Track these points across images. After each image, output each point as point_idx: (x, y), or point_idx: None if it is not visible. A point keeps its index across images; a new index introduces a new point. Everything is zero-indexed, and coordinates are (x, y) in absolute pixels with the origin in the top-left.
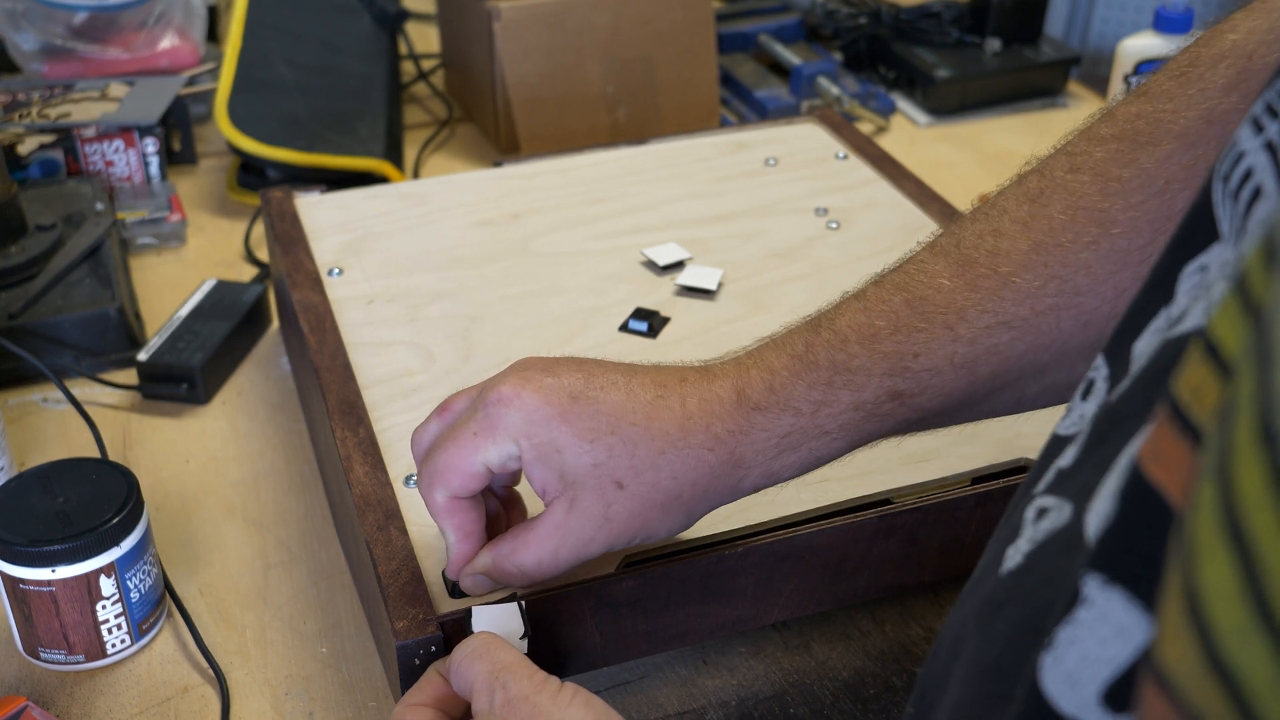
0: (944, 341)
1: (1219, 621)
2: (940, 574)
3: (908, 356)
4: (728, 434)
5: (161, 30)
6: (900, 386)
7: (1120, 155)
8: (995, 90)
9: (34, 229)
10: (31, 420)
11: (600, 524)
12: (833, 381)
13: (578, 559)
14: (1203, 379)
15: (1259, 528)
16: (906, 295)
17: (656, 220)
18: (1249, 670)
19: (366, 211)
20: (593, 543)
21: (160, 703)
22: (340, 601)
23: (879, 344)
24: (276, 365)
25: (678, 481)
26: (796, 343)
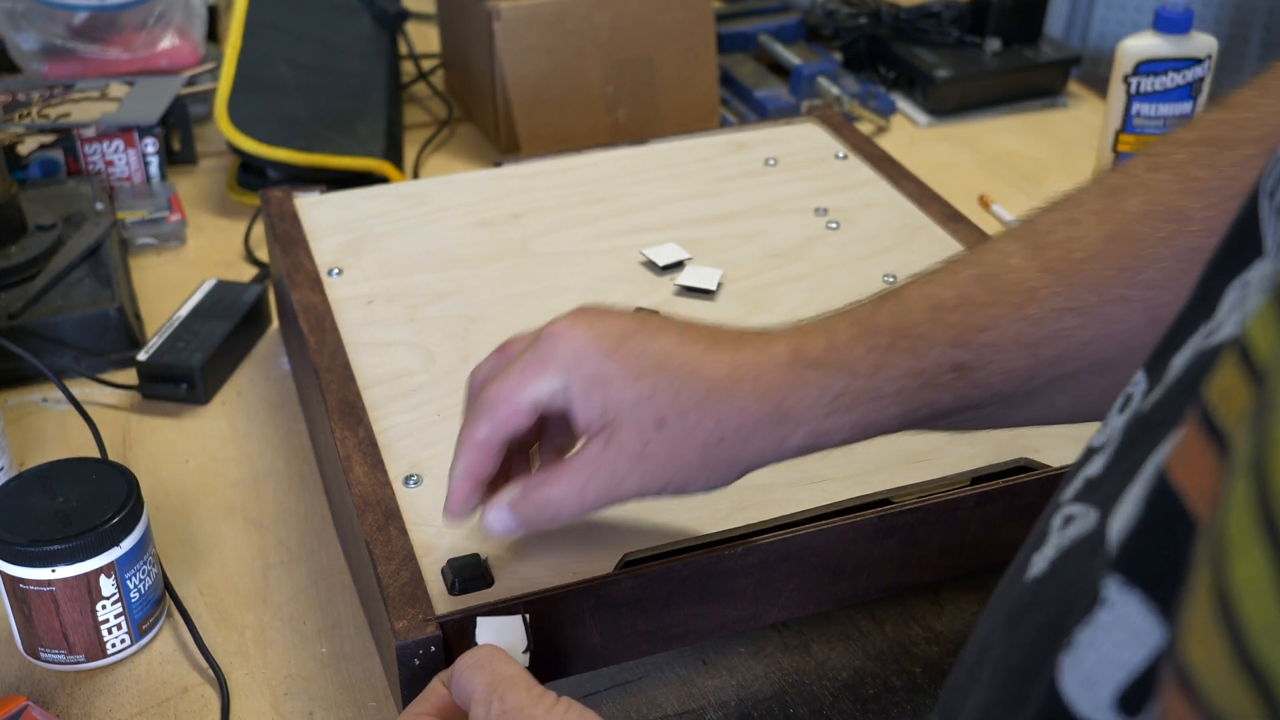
0: (1011, 319)
1: (1250, 619)
2: (940, 574)
3: (972, 329)
4: (777, 387)
5: (161, 30)
6: (962, 358)
7: (1200, 157)
8: (995, 90)
9: (34, 229)
10: (31, 420)
11: (635, 461)
12: (894, 345)
13: (607, 498)
14: (1233, 383)
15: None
16: (976, 271)
17: (656, 220)
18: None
19: (366, 211)
20: (625, 481)
21: (160, 703)
22: (340, 601)
23: (945, 314)
24: (276, 365)
25: (720, 426)
26: (860, 310)
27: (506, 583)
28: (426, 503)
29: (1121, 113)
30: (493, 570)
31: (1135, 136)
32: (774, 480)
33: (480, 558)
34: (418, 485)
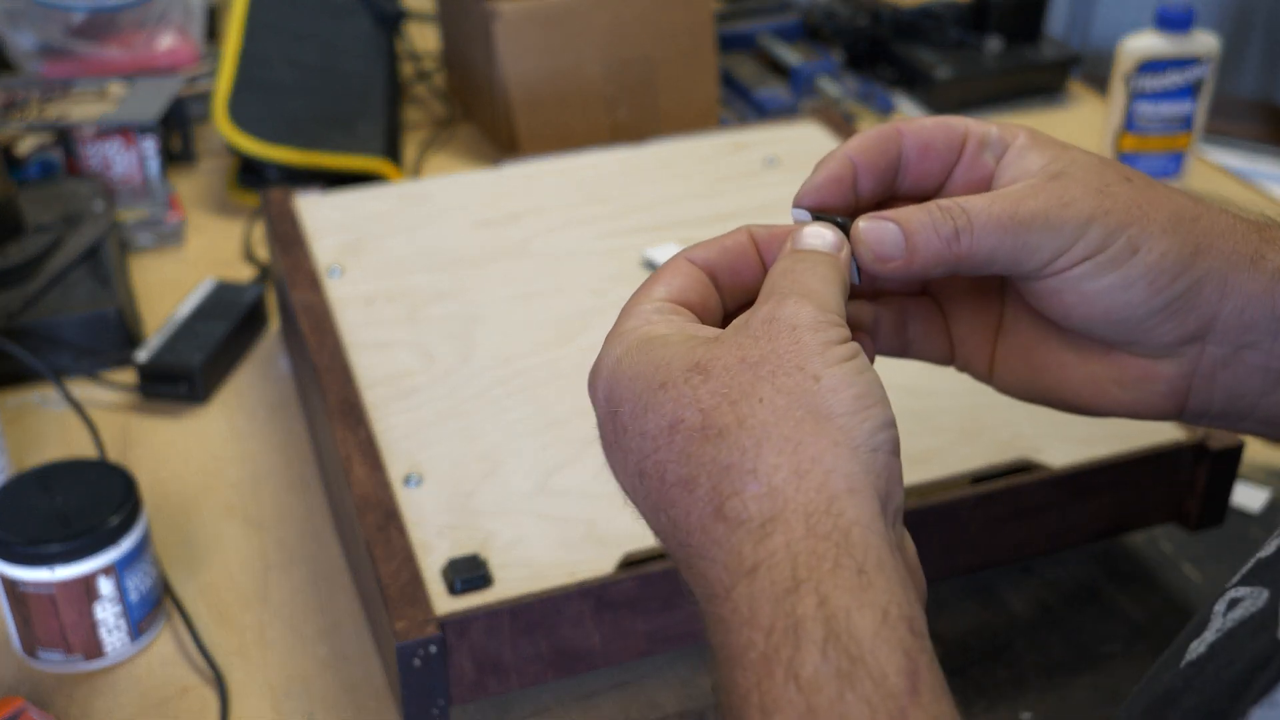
0: None
1: None
2: (940, 574)
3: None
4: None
5: (161, 30)
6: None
7: None
8: (995, 90)
9: (33, 229)
10: (30, 420)
11: (1090, 193)
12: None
13: (1042, 220)
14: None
15: None
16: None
17: (656, 220)
18: None
19: (366, 211)
20: (1073, 205)
21: (159, 703)
22: (340, 601)
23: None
24: (276, 365)
25: (1190, 207)
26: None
27: (506, 583)
28: (426, 503)
29: (1122, 112)
30: (493, 570)
31: (1136, 136)
32: None
33: (480, 558)
34: (418, 485)
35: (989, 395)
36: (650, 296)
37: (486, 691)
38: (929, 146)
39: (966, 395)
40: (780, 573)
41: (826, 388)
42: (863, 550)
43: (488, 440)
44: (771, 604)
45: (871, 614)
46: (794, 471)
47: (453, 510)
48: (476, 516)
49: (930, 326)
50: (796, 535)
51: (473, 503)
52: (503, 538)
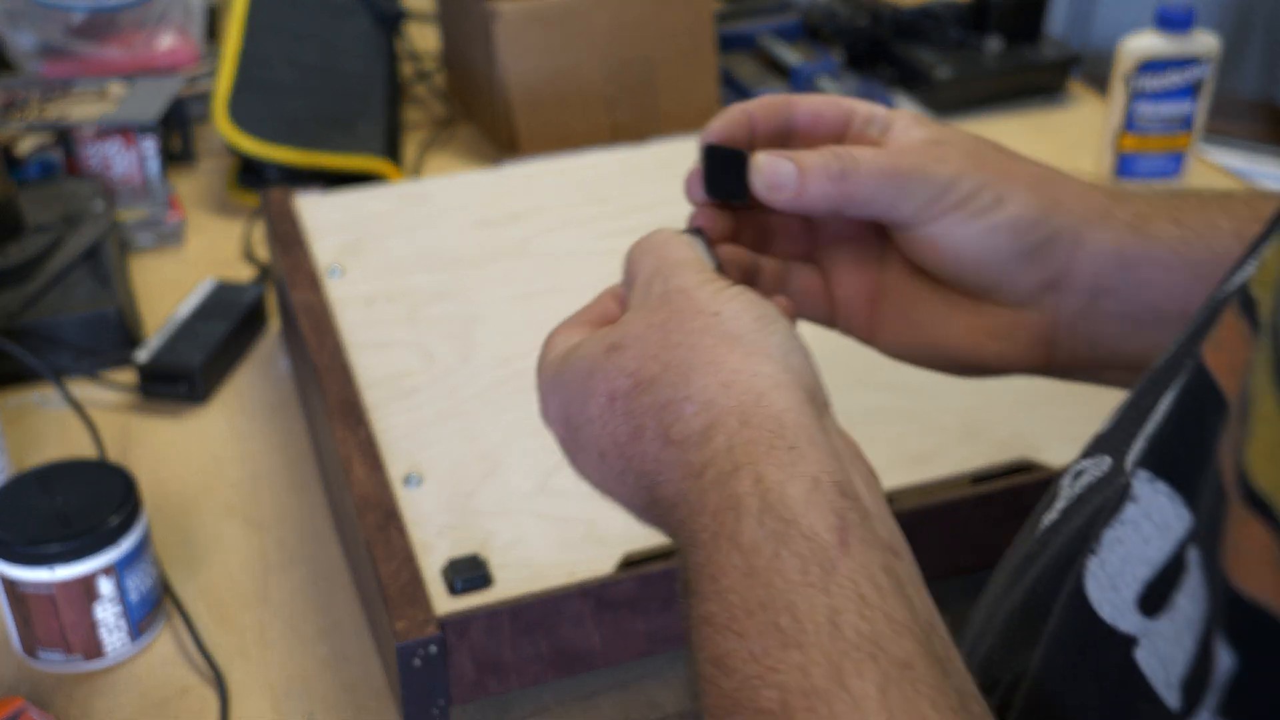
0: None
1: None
2: (940, 574)
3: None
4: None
5: (161, 30)
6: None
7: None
8: (995, 90)
9: (33, 229)
10: (30, 421)
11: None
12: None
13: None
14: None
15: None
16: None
17: (656, 220)
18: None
19: (366, 211)
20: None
21: (159, 703)
22: (340, 601)
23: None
24: (276, 365)
25: (1050, 173)
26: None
27: (506, 583)
28: (426, 503)
29: (1122, 112)
30: (493, 570)
31: (1136, 136)
32: None
33: (480, 558)
34: (418, 485)
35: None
36: (555, 331)
37: (486, 691)
38: (819, 117)
39: (967, 395)
40: (722, 464)
41: (729, 317)
42: (794, 430)
43: (488, 440)
44: (716, 491)
45: (802, 483)
46: (721, 384)
47: (453, 510)
48: (476, 516)
49: (811, 286)
50: (733, 430)
51: (473, 503)
52: (503, 538)
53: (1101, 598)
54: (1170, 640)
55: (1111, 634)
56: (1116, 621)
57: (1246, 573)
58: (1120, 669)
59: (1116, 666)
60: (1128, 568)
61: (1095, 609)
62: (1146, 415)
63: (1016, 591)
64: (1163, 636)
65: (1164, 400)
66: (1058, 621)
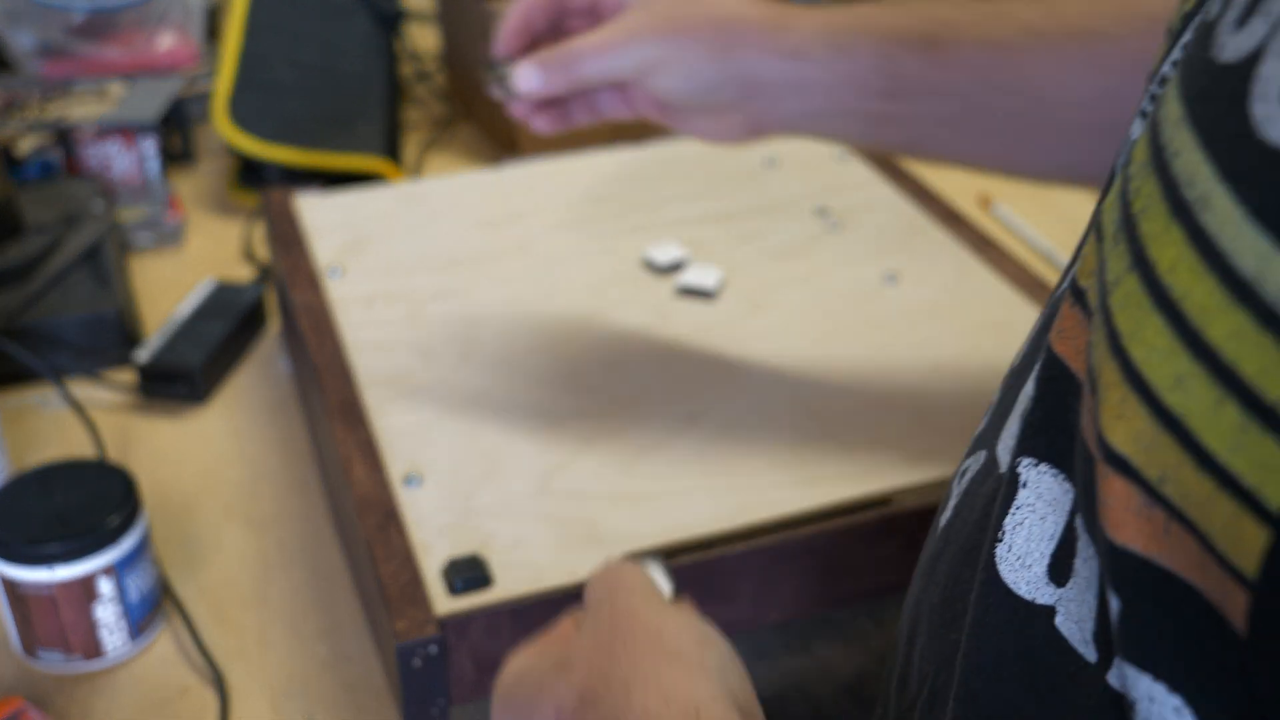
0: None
1: (1159, 380)
2: None
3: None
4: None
5: (161, 30)
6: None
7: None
8: None
9: (32, 229)
10: (30, 421)
11: (653, 23)
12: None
13: (621, 50)
14: (1089, 252)
15: (1183, 283)
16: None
17: (656, 220)
18: (1191, 408)
19: (366, 211)
20: (639, 35)
21: (159, 704)
22: (340, 601)
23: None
24: (276, 365)
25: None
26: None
27: (506, 583)
28: (426, 503)
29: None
30: (493, 570)
31: None
32: (774, 480)
33: (480, 558)
34: (418, 485)
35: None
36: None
37: (486, 692)
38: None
39: (966, 395)
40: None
41: (670, 635)
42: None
43: (488, 440)
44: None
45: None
46: (662, 699)
47: (453, 510)
48: (476, 516)
49: (614, 103)
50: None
51: (473, 503)
52: (503, 538)
53: (1016, 578)
54: (1078, 602)
55: (1031, 608)
56: (1035, 597)
57: (1117, 524)
58: (1045, 638)
59: (1042, 637)
60: (1033, 545)
61: (1013, 589)
62: (1010, 408)
63: (932, 589)
64: (1073, 600)
65: (1025, 391)
66: (979, 609)
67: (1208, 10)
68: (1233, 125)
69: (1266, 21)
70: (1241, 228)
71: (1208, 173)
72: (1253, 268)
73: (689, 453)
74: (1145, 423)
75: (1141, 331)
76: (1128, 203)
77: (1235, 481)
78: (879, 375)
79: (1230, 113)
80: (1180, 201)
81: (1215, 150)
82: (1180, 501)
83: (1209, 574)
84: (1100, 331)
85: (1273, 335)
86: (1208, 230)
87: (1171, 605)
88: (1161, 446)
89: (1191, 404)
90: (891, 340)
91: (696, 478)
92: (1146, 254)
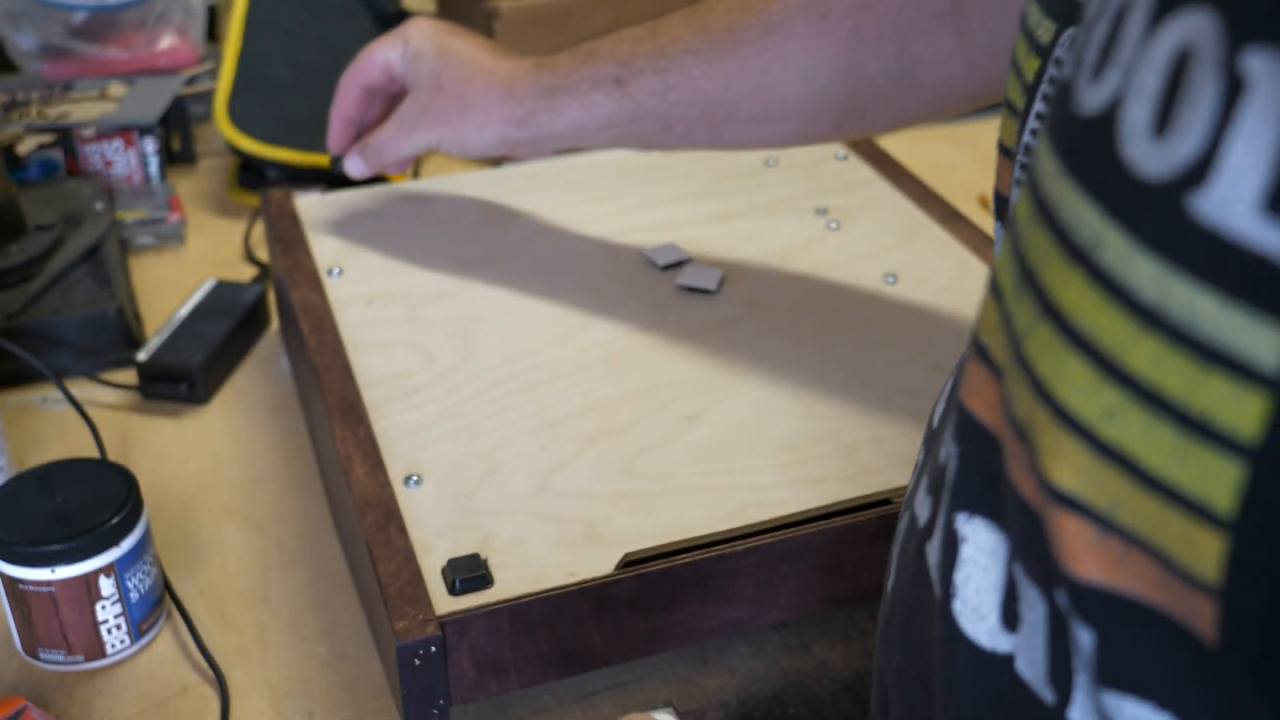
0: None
1: (1090, 416)
2: None
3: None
4: (511, 77)
5: (161, 30)
6: (618, 74)
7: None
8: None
9: (33, 229)
10: (30, 420)
11: (422, 113)
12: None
13: (407, 141)
14: (989, 309)
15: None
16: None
17: (656, 220)
18: (1125, 436)
19: (366, 211)
20: (417, 127)
21: (160, 703)
22: (340, 601)
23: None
24: (276, 365)
25: (473, 97)
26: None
27: (506, 583)
28: (426, 503)
29: None
30: (493, 570)
31: None
32: (774, 480)
33: (480, 558)
34: (418, 485)
35: None
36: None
37: (486, 691)
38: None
39: None
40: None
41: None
42: None
43: (488, 440)
44: None
45: None
46: None
47: (453, 510)
48: (476, 516)
49: None
50: None
51: (473, 503)
52: (503, 538)
53: (975, 630)
54: (1030, 646)
55: (994, 658)
56: (994, 646)
57: (1076, 560)
58: (1011, 684)
59: (1008, 684)
60: (983, 597)
61: (974, 641)
62: (930, 465)
63: (892, 654)
64: (1026, 645)
65: (946, 450)
66: (948, 665)
67: (1062, 71)
68: (1108, 169)
69: (1119, 70)
70: (1136, 260)
71: (1094, 216)
72: (1153, 294)
73: (689, 453)
74: (1085, 458)
75: (1063, 373)
76: (1022, 257)
77: (1182, 496)
78: (879, 375)
79: (1103, 159)
80: (1074, 246)
81: (1097, 194)
82: (1133, 526)
83: (1172, 592)
84: (1021, 382)
85: (1186, 353)
86: (1105, 268)
87: (1143, 629)
88: (1105, 477)
89: (1125, 432)
90: (891, 340)
91: (696, 478)
92: (1052, 301)
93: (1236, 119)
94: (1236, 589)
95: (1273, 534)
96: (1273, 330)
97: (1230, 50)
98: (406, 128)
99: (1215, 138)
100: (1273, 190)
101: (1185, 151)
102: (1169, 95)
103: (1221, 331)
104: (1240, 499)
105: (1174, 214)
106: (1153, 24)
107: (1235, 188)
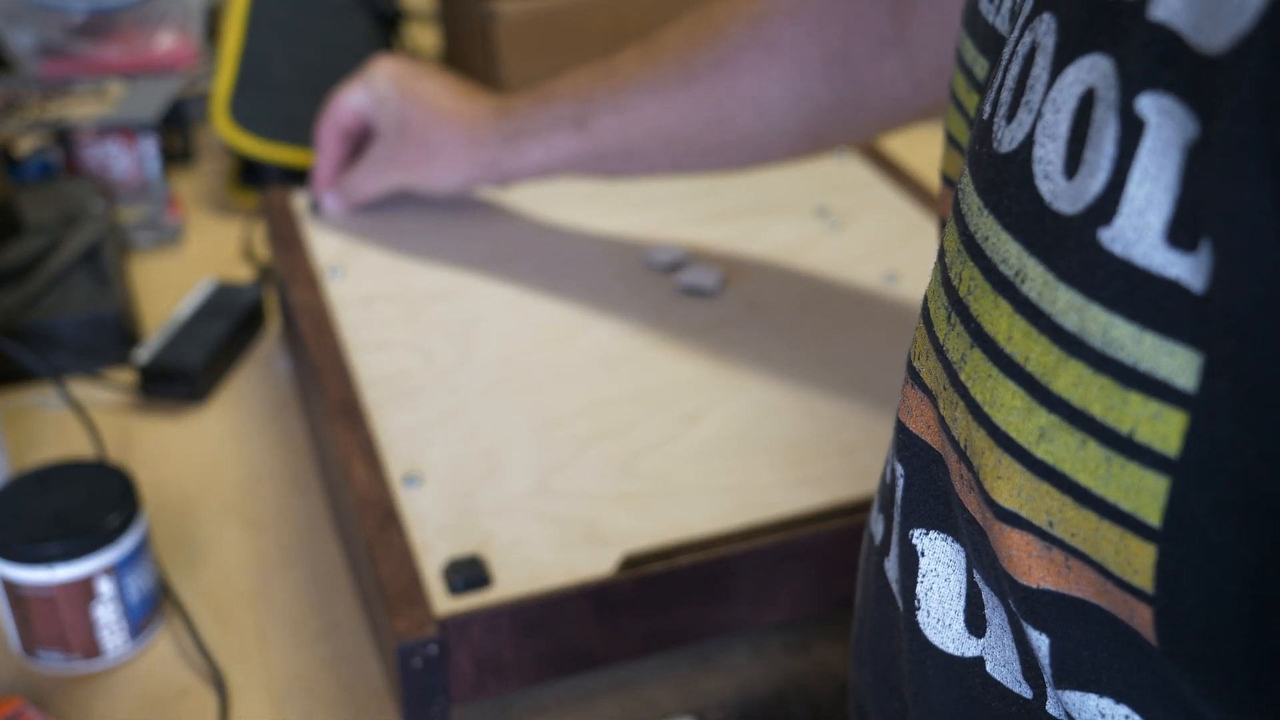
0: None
1: (1024, 438)
2: None
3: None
4: (474, 122)
5: (161, 30)
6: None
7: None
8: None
9: (32, 229)
10: (29, 421)
11: (391, 157)
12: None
13: (378, 180)
14: (920, 336)
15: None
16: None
17: (656, 220)
18: (1058, 455)
19: (366, 211)
20: (386, 169)
21: (159, 704)
22: (340, 601)
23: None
24: (276, 365)
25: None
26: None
27: (506, 583)
28: (426, 503)
29: None
30: (493, 570)
31: None
32: (774, 480)
33: (480, 558)
34: (418, 485)
35: None
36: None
37: (486, 692)
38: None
39: None
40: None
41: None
42: None
43: (488, 440)
44: None
45: None
46: None
47: (453, 510)
48: (476, 516)
49: None
50: None
51: (473, 503)
52: (503, 538)
53: (942, 639)
54: (1000, 647)
55: (963, 662)
56: (963, 651)
57: (1025, 570)
58: (983, 685)
59: (980, 685)
60: (947, 606)
61: (942, 649)
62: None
63: (864, 670)
64: (995, 647)
65: (888, 467)
66: (919, 675)
67: (981, 110)
68: (1025, 205)
69: (1029, 112)
70: (1057, 291)
71: (1016, 250)
72: (1074, 323)
73: (689, 453)
74: (1023, 477)
75: (998, 398)
76: (953, 288)
77: (1114, 509)
78: (879, 375)
79: (1020, 195)
80: (1001, 278)
81: (1017, 230)
82: (1071, 539)
83: (1113, 597)
84: (959, 406)
85: (1108, 376)
86: (1030, 299)
87: (1094, 628)
88: (1042, 494)
89: (1058, 452)
90: (891, 340)
91: (696, 478)
92: (983, 330)
93: (1138, 157)
94: (1168, 595)
95: (1197, 543)
96: (1187, 351)
97: (1127, 94)
98: (376, 171)
99: (1120, 174)
100: (1176, 221)
101: (1094, 188)
102: (1077, 136)
103: (1139, 355)
104: (1166, 511)
105: (1088, 247)
106: (1059, 67)
107: (1142, 220)
